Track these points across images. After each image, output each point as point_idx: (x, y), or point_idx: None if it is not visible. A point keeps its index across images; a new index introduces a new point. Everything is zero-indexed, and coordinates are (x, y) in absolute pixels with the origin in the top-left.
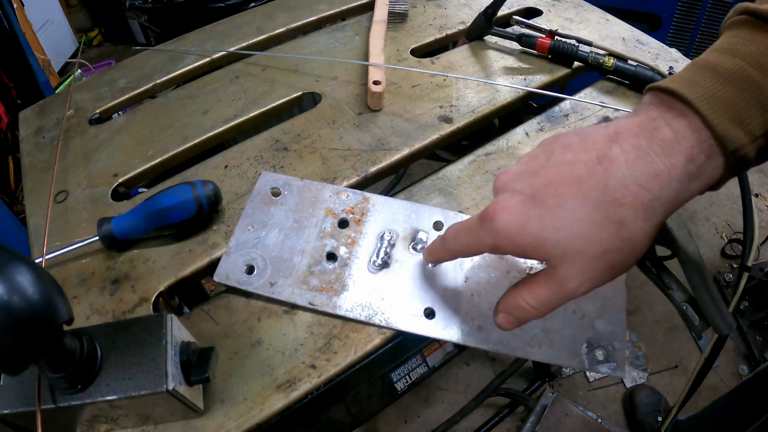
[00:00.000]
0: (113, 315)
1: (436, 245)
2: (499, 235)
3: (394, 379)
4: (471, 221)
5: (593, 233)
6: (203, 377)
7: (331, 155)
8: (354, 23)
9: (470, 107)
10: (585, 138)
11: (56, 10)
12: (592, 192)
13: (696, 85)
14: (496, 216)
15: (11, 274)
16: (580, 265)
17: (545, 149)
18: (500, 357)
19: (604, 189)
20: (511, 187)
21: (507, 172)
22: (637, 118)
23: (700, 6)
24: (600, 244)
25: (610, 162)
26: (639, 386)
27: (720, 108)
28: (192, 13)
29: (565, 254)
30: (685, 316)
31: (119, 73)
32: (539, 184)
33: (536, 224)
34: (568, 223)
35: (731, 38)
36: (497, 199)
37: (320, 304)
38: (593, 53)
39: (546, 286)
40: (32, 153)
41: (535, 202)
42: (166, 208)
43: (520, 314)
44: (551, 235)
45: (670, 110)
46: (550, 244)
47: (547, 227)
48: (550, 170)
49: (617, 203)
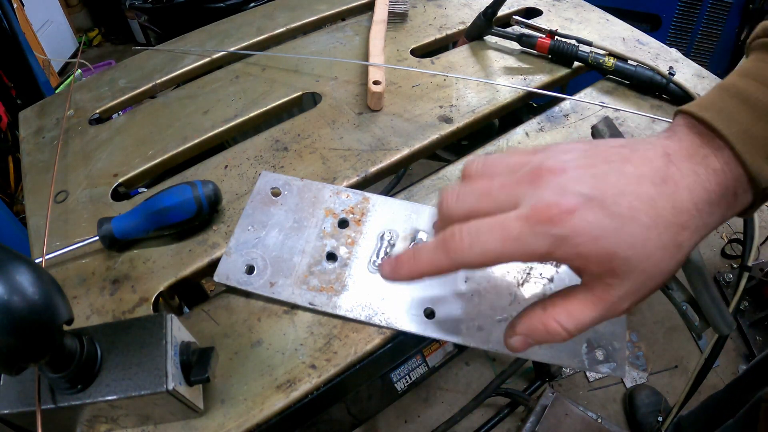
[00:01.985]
0: (113, 315)
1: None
2: (562, 242)
3: (394, 379)
4: (501, 221)
5: (659, 255)
6: (203, 377)
7: (331, 155)
8: (354, 23)
9: (470, 107)
10: (636, 151)
11: (56, 10)
12: (664, 212)
13: (731, 119)
14: (562, 220)
15: (11, 274)
16: (638, 285)
17: (596, 155)
18: (500, 357)
19: (674, 211)
20: (572, 188)
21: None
22: (681, 143)
23: (700, 6)
24: (660, 265)
25: (675, 184)
26: (639, 386)
27: (753, 145)
28: (192, 13)
29: (630, 273)
30: (685, 316)
31: (119, 73)
32: (610, 192)
33: (612, 237)
34: (642, 240)
35: (761, 63)
36: (554, 198)
37: (320, 304)
38: (593, 53)
39: (591, 307)
40: (32, 153)
41: (607, 211)
42: (166, 208)
43: (547, 339)
44: (625, 252)
45: (711, 140)
46: (620, 260)
47: (622, 243)
48: (616, 179)
49: (682, 227)
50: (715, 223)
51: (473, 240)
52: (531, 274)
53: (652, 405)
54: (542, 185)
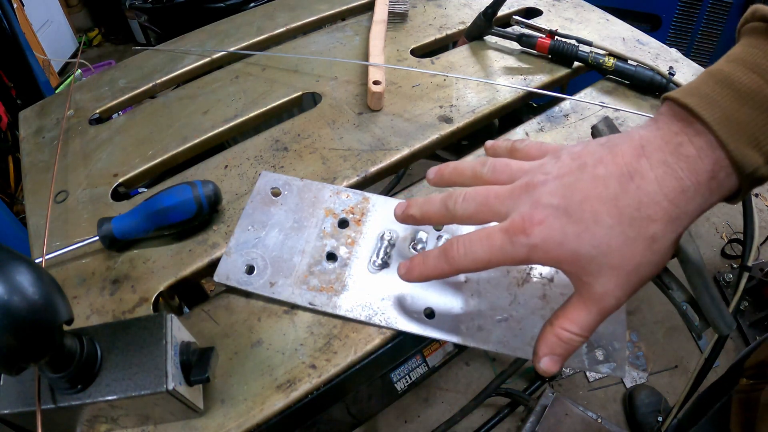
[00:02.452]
0: (113, 315)
1: (433, 262)
2: (534, 250)
3: (394, 379)
4: (488, 233)
5: (628, 249)
6: (203, 377)
7: (331, 155)
8: (354, 23)
9: (470, 107)
10: (613, 149)
11: (56, 10)
12: (627, 209)
13: (714, 104)
14: (531, 230)
15: (11, 274)
16: (616, 280)
17: (575, 160)
18: (500, 357)
19: (638, 206)
20: (545, 201)
21: (537, 183)
22: (659, 132)
23: (700, 6)
24: (634, 259)
25: (642, 178)
26: (639, 386)
27: (736, 131)
28: (192, 13)
29: (602, 270)
30: (685, 316)
31: (119, 73)
32: (575, 199)
33: (574, 240)
34: (605, 240)
35: (749, 48)
36: (528, 211)
37: (320, 304)
38: (593, 53)
39: (584, 309)
40: (32, 153)
41: (571, 218)
42: (166, 208)
43: (566, 348)
44: (588, 252)
45: (690, 126)
46: (586, 259)
47: (584, 244)
48: (584, 185)
49: (649, 219)
50: (697, 210)
51: (467, 250)
52: (531, 274)
53: (652, 405)
54: (524, 199)
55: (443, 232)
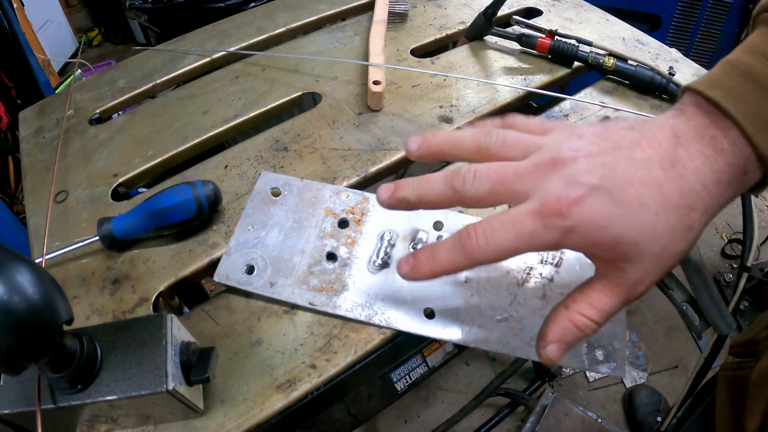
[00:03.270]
0: (113, 315)
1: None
2: (570, 233)
3: (394, 379)
4: (513, 218)
5: (668, 237)
6: (203, 377)
7: (331, 155)
8: (354, 23)
9: (470, 107)
10: (646, 134)
11: (56, 10)
12: (671, 196)
13: (739, 99)
14: (569, 211)
15: (11, 274)
16: (651, 268)
17: (606, 140)
18: (500, 357)
19: (681, 194)
20: (582, 179)
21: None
22: (691, 123)
23: (700, 6)
24: (672, 246)
25: (683, 167)
26: (639, 386)
27: (762, 126)
28: (192, 13)
29: (642, 256)
30: (685, 316)
31: (119, 73)
32: (618, 180)
33: (619, 225)
34: (651, 225)
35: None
36: (563, 191)
37: (320, 304)
38: (593, 53)
39: (610, 294)
40: (32, 153)
41: (615, 200)
42: (166, 208)
43: (578, 336)
44: (634, 237)
45: (719, 120)
46: (629, 245)
47: (630, 229)
48: (625, 167)
49: (690, 208)
50: (726, 202)
51: (489, 239)
52: (531, 274)
53: (651, 405)
54: (553, 176)
55: (443, 231)
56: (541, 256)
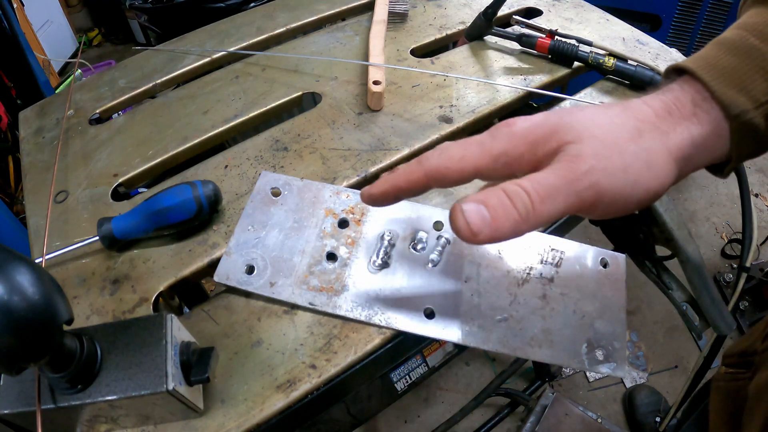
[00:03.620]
0: (113, 315)
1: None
2: (513, 136)
3: (394, 379)
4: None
5: (607, 126)
6: (203, 377)
7: (331, 155)
8: (354, 23)
9: (470, 107)
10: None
11: (56, 10)
12: (616, 107)
13: (700, 58)
14: (515, 122)
15: (11, 274)
16: (593, 148)
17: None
18: (500, 357)
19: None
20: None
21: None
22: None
23: (700, 6)
24: (613, 134)
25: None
26: (639, 386)
27: (721, 75)
28: (192, 13)
29: (581, 136)
30: (685, 316)
31: (119, 73)
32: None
33: (555, 118)
34: (589, 116)
35: (747, 18)
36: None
37: (320, 304)
38: (593, 53)
39: (551, 170)
40: (32, 153)
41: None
42: (166, 208)
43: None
44: (568, 121)
45: (679, 77)
46: (565, 128)
47: (564, 117)
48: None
49: (635, 118)
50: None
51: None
52: (531, 274)
53: (651, 405)
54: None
55: (443, 232)
56: (541, 256)
